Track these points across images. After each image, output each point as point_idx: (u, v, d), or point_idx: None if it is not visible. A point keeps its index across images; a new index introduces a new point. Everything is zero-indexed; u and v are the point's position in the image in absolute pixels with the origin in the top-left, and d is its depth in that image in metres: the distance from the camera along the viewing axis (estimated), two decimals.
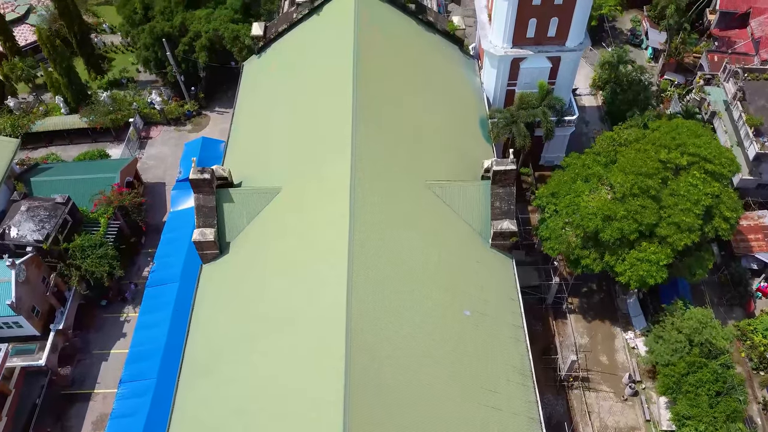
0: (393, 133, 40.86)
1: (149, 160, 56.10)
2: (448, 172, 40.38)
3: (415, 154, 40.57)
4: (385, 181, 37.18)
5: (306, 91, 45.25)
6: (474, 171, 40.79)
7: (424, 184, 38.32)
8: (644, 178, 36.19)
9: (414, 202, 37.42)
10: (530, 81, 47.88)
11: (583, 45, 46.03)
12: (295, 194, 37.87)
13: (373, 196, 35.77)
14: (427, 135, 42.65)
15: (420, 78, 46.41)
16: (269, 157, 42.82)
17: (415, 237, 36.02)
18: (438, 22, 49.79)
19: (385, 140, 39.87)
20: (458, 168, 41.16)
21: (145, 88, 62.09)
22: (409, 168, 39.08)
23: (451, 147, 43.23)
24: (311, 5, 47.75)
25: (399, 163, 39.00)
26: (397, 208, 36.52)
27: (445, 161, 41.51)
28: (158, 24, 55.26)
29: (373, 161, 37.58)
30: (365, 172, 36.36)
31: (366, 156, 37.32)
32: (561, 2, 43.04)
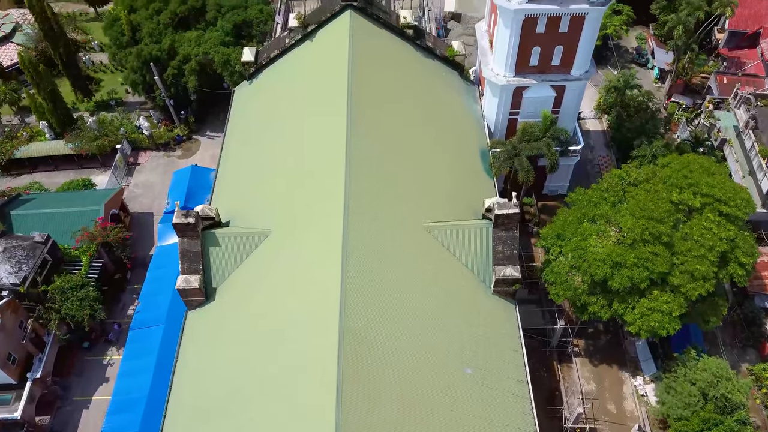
0: (389, 170, 38.76)
1: (137, 188, 53.98)
2: (447, 211, 38.26)
3: (412, 191, 38.46)
4: (381, 223, 35.06)
5: (298, 123, 43.12)
6: (474, 208, 38.64)
7: (421, 226, 36.20)
8: (656, 224, 34.04)
9: (411, 247, 35.29)
10: (533, 110, 45.80)
11: (589, 73, 43.91)
12: (285, 238, 35.75)
13: (367, 241, 33.66)
14: (425, 169, 40.55)
15: (418, 107, 44.30)
16: (259, 193, 40.69)
17: (411, 286, 33.89)
18: (437, 47, 47.67)
19: (381, 178, 37.74)
20: (458, 205, 39.03)
21: (134, 110, 60.05)
22: (406, 208, 36.97)
23: (451, 182, 41.06)
24: (304, 31, 45.64)
25: (395, 203, 36.88)
26: (392, 254, 34.38)
27: (444, 198, 39.39)
28: (146, 47, 53.14)
29: (368, 202, 35.48)
30: (359, 215, 34.27)
31: (360, 197, 35.22)
32: (566, 30, 40.95)
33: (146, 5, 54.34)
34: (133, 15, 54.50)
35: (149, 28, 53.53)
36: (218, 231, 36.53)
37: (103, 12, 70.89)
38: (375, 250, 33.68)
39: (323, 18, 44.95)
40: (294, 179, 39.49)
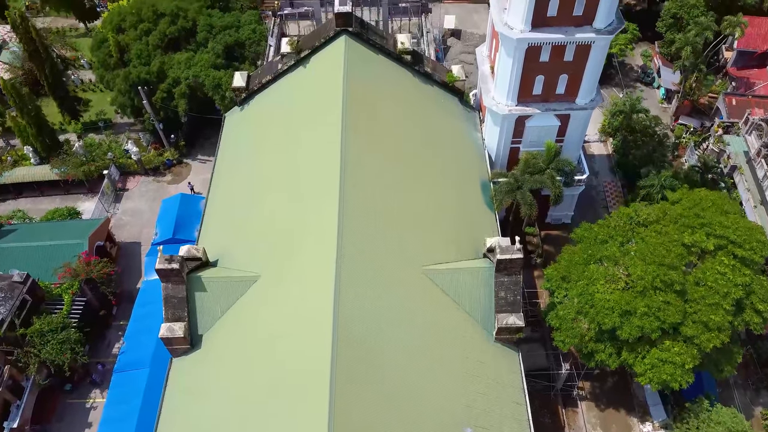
0: (385, 206, 36.83)
1: (125, 215, 52.03)
2: (446, 249, 36.32)
3: (409, 228, 36.49)
4: (376, 269, 33.13)
5: (290, 153, 41.17)
6: (475, 245, 36.80)
7: (420, 269, 34.26)
8: (667, 270, 32.10)
9: (408, 294, 33.33)
10: (536, 139, 43.89)
11: (595, 102, 41.97)
12: (275, 283, 33.80)
13: (361, 290, 31.71)
14: (423, 203, 38.63)
15: (416, 137, 42.35)
16: (249, 229, 38.71)
17: (408, 338, 31.93)
18: (436, 72, 45.71)
19: (376, 216, 35.80)
20: (458, 242, 37.10)
21: (124, 131, 58.17)
22: (403, 250, 35.01)
23: (450, 215, 39.09)
24: (297, 56, 43.68)
25: (391, 244, 34.92)
26: (388, 302, 32.43)
27: (443, 235, 37.40)
28: (134, 70, 51.20)
29: (362, 244, 33.54)
30: (352, 259, 32.34)
31: (354, 238, 33.29)
32: (571, 59, 39.04)
33: (135, 25, 52.43)
34: (122, 36, 52.60)
35: (138, 50, 51.60)
36: (205, 275, 34.57)
37: (94, 27, 68.92)
38: (369, 298, 31.73)
39: (317, 44, 43.03)
40: (285, 216, 37.54)
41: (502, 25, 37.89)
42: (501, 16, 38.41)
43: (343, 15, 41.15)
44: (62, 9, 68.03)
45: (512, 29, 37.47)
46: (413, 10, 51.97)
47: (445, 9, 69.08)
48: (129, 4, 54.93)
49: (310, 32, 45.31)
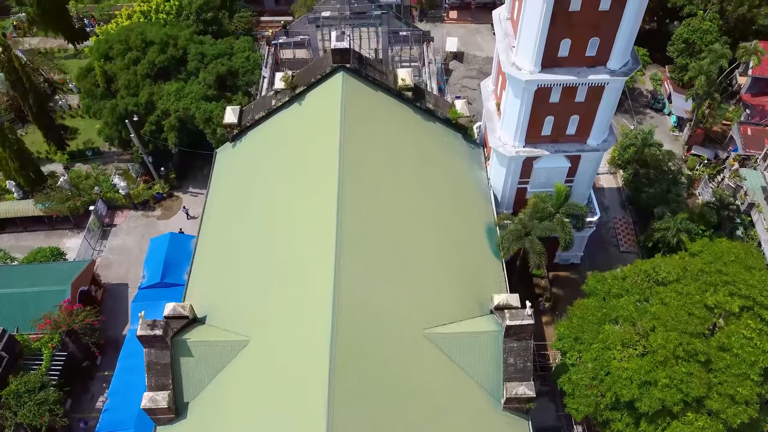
0: (384, 258, 34.38)
1: (112, 253, 49.59)
2: (450, 305, 33.88)
3: (409, 283, 34.02)
4: (374, 335, 30.67)
5: (284, 198, 38.83)
6: (481, 299, 34.52)
7: (422, 333, 31.82)
8: (691, 338, 29.72)
9: (409, 360, 30.89)
10: (545, 180, 41.52)
11: (608, 143, 39.61)
12: (265, 349, 31.37)
13: (358, 360, 29.28)
14: (424, 252, 36.22)
15: (417, 178, 39.93)
16: (239, 281, 36.34)
17: (410, 408, 29.52)
18: (439, 107, 43.26)
19: (375, 270, 33.30)
20: (462, 296, 34.71)
21: (113, 160, 55.76)
22: (403, 309, 32.55)
23: (454, 265, 36.68)
24: (292, 93, 41.28)
25: (391, 303, 32.45)
26: (388, 372, 30.01)
27: (447, 288, 34.97)
28: (121, 101, 48.81)
29: (359, 306, 31.06)
30: (348, 326, 29.88)
31: (350, 299, 30.84)
32: (583, 100, 36.67)
33: (122, 54, 50.00)
34: (109, 64, 50.16)
35: (125, 80, 49.19)
36: (191, 339, 32.13)
37: (83, 49, 66.50)
38: (367, 370, 29.31)
39: (313, 80, 40.61)
40: (278, 269, 35.09)
41: (510, 65, 35.50)
42: (508, 55, 36.03)
43: (340, 51, 38.74)
44: (50, 30, 65.54)
45: (521, 70, 35.08)
46: (414, 39, 49.60)
47: (447, 30, 66.73)
48: (116, 30, 52.58)
49: (305, 67, 42.83)
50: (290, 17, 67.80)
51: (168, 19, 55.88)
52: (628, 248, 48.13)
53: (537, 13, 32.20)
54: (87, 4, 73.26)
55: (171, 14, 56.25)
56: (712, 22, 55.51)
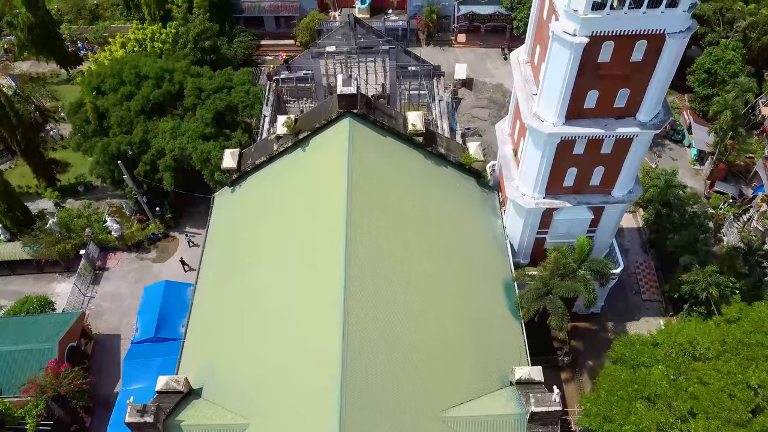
0: (394, 326, 31.71)
1: (104, 300, 46.86)
2: (468, 380, 31.08)
3: (424, 358, 31.20)
4: (387, 422, 27.99)
5: (287, 254, 36.20)
6: (500, 368, 31.98)
7: (438, 416, 29.11)
8: (735, 428, 27.03)
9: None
10: (566, 232, 38.88)
11: (634, 194, 36.93)
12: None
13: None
14: (439, 320, 33.53)
15: (428, 230, 37.28)
16: (239, 348, 33.66)
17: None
18: (451, 151, 40.60)
19: (384, 341, 30.65)
20: (480, 368, 32.03)
21: (105, 196, 53.11)
22: (418, 390, 29.83)
23: (469, 329, 33.95)
24: (295, 138, 38.61)
25: (404, 383, 29.73)
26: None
27: (464, 360, 32.17)
28: (114, 140, 46.11)
29: (370, 388, 28.42)
30: (358, 411, 27.22)
31: (359, 380, 28.16)
32: (609, 152, 33.97)
33: (115, 88, 47.29)
34: (101, 99, 47.45)
35: (118, 116, 46.47)
36: (185, 422, 29.41)
37: (76, 74, 63.85)
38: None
39: (317, 125, 37.94)
40: (281, 335, 32.51)
41: (531, 116, 32.81)
42: (529, 104, 33.33)
43: (346, 96, 36.06)
44: (41, 55, 62.88)
45: (543, 122, 32.40)
46: (423, 74, 46.96)
47: (455, 55, 64.11)
48: (109, 63, 49.91)
49: (309, 110, 40.25)
50: (292, 40, 65.45)
51: (164, 48, 53.24)
52: (651, 296, 45.42)
53: (562, 66, 29.53)
54: (81, 25, 70.66)
55: (167, 43, 53.62)
56: (735, 51, 52.83)
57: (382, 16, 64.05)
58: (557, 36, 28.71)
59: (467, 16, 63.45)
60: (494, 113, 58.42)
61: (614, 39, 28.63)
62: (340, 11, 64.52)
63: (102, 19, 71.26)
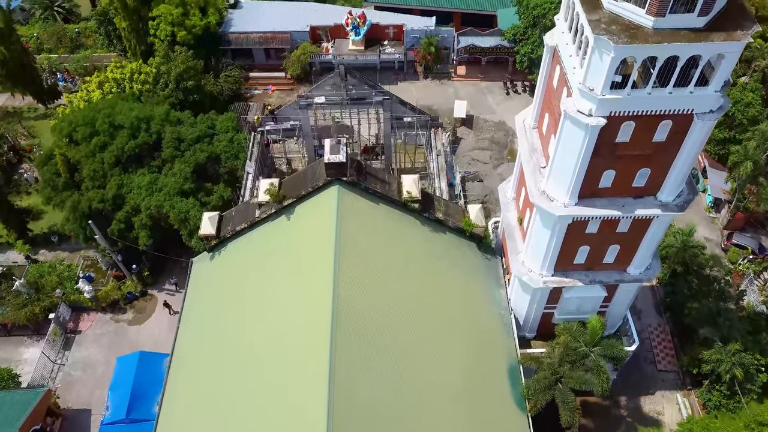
0: (386, 421, 28.49)
1: (74, 368, 43.34)
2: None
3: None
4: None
5: (269, 331, 33.13)
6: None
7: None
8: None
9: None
10: (576, 308, 35.49)
11: (653, 271, 33.50)
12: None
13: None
14: (435, 411, 30.27)
15: (424, 307, 34.08)
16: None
17: None
18: (450, 215, 37.09)
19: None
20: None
21: (80, 248, 49.43)
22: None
23: (470, 423, 30.69)
24: (279, 205, 35.16)
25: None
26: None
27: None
28: (85, 196, 42.65)
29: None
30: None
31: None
32: (626, 231, 30.51)
33: (87, 137, 43.78)
34: (72, 150, 43.96)
35: (90, 170, 42.97)
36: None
37: (54, 108, 60.25)
38: None
39: (303, 192, 34.51)
40: (263, 420, 29.36)
41: (539, 194, 29.38)
42: (537, 179, 29.89)
43: (334, 165, 32.62)
44: (16, 89, 59.43)
45: (552, 201, 28.95)
46: (420, 125, 43.49)
47: (454, 89, 60.68)
48: (85, 106, 46.42)
49: (295, 174, 36.86)
50: (282, 73, 62.02)
51: (143, 89, 49.71)
52: (667, 366, 41.99)
53: (575, 146, 26.12)
54: (62, 54, 67.21)
55: (147, 83, 50.09)
56: (754, 93, 49.38)
57: (378, 48, 60.58)
58: (570, 115, 25.28)
59: (467, 49, 59.98)
60: (496, 155, 54.98)
61: (635, 119, 25.22)
62: (333, 43, 61.04)
63: (84, 48, 67.81)
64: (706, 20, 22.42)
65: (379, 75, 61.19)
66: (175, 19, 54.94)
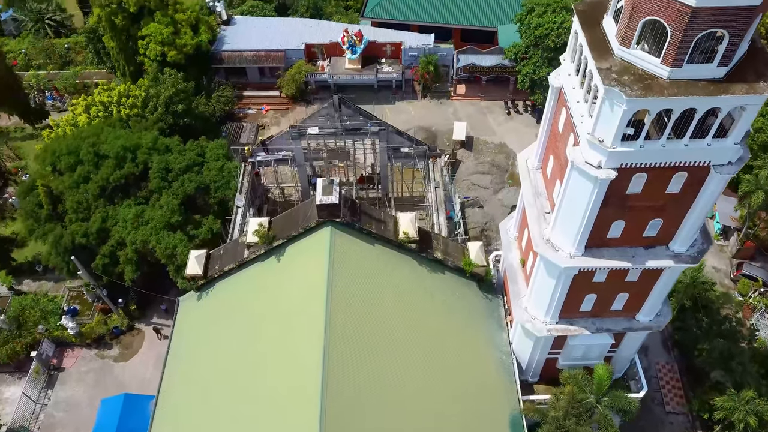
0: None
1: (57, 409, 41.53)
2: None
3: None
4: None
5: (257, 376, 31.55)
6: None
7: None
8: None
9: None
10: (582, 355, 33.70)
11: (663, 318, 31.74)
12: None
13: None
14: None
15: (421, 354, 32.33)
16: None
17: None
18: (449, 254, 35.28)
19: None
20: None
21: (65, 278, 47.53)
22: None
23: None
24: (269, 246, 33.40)
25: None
26: None
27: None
28: (69, 228, 40.87)
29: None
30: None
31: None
32: (635, 280, 28.75)
33: (71, 167, 42.06)
34: (56, 180, 42.21)
35: (74, 201, 41.20)
36: None
37: (41, 128, 58.41)
38: None
39: (294, 233, 32.73)
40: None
41: (543, 243, 27.64)
42: (541, 226, 28.14)
43: (327, 207, 30.85)
44: (2, 108, 57.68)
45: (557, 251, 27.19)
46: (417, 155, 41.71)
47: (454, 109, 58.93)
48: (66, 137, 44.64)
49: (286, 212, 34.92)
50: (277, 91, 60.26)
51: (131, 113, 47.92)
52: (675, 408, 40.22)
53: (583, 197, 24.35)
54: (51, 71, 65.47)
55: (136, 107, 48.30)
56: (765, 117, 47.60)
57: (375, 66, 58.81)
58: (577, 167, 23.51)
59: (467, 68, 58.22)
60: (496, 179, 53.21)
61: (647, 171, 23.45)
62: (329, 61, 59.25)
63: (74, 64, 66.07)
64: (726, 70, 20.67)
65: (376, 94, 59.48)
66: (166, 38, 53.12)
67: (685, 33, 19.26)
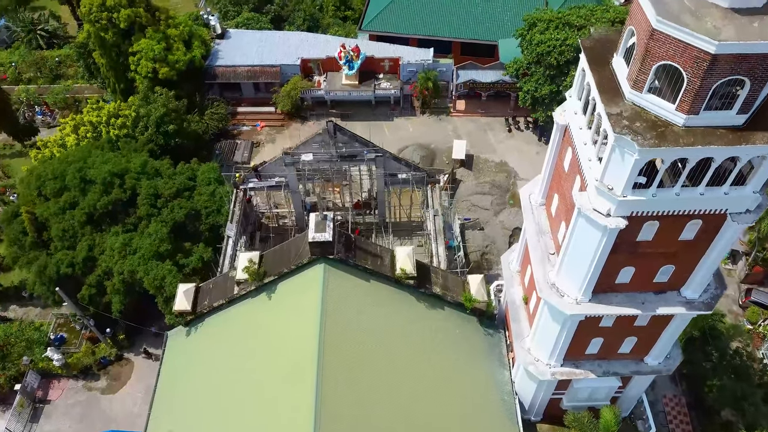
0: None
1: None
2: None
3: None
4: None
5: (247, 412, 29.94)
6: None
7: None
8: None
9: None
10: (587, 397, 32.21)
11: (673, 361, 30.25)
12: None
13: None
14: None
15: (418, 395, 30.90)
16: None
17: None
18: (448, 289, 33.87)
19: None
20: None
21: (49, 300, 45.99)
22: None
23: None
24: (260, 282, 31.92)
25: None
26: None
27: None
28: (54, 257, 39.41)
29: None
30: None
31: None
32: (644, 324, 27.27)
33: (57, 193, 40.62)
34: (40, 206, 40.72)
35: (59, 229, 39.74)
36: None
37: (30, 145, 56.98)
38: None
39: (285, 270, 31.26)
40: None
41: (548, 288, 26.15)
42: (545, 268, 26.67)
43: (320, 244, 29.37)
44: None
45: (563, 297, 25.70)
46: (415, 181, 40.23)
47: (453, 126, 57.42)
48: (52, 161, 43.17)
49: (277, 247, 33.43)
50: (272, 107, 58.75)
51: (121, 134, 46.42)
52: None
53: (590, 245, 22.86)
54: (41, 85, 64.00)
55: (126, 127, 46.81)
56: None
57: (372, 82, 57.31)
58: (585, 214, 22.02)
59: (467, 84, 56.74)
60: (497, 200, 51.66)
61: (660, 219, 21.97)
62: (325, 76, 57.78)
63: (64, 78, 64.59)
64: (745, 117, 19.19)
65: (374, 110, 58.00)
66: (157, 54, 51.60)
67: (703, 80, 17.80)
